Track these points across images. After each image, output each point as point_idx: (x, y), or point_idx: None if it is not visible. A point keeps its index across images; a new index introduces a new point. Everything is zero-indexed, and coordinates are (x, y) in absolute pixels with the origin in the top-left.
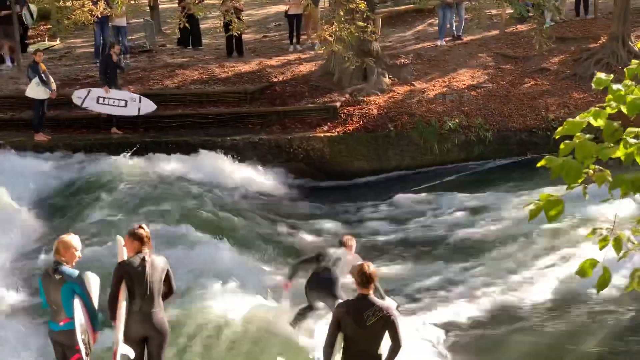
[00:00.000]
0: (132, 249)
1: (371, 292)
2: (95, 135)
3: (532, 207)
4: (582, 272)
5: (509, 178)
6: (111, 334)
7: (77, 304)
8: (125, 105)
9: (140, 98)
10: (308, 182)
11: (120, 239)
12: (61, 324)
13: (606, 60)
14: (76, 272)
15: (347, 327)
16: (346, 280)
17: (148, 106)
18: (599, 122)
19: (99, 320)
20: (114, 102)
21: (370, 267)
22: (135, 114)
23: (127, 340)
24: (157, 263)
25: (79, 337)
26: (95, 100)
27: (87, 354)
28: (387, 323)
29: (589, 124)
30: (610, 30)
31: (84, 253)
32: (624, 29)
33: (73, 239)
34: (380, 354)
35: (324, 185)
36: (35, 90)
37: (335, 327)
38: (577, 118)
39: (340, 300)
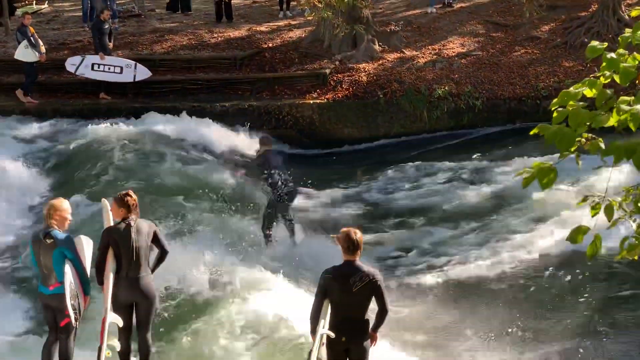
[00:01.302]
0: (118, 215)
1: (357, 258)
2: (84, 100)
3: (525, 175)
4: (573, 238)
5: (498, 146)
6: (102, 299)
7: (67, 268)
8: (121, 72)
9: (135, 65)
10: (297, 149)
11: (106, 203)
12: (51, 288)
13: (596, 29)
14: (67, 236)
15: (334, 293)
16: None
17: (143, 73)
18: (593, 92)
19: (90, 284)
20: (109, 69)
21: (357, 234)
22: (131, 80)
23: (116, 306)
24: (142, 228)
25: (69, 303)
26: (89, 67)
27: (76, 319)
28: (374, 288)
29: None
30: None
31: (73, 218)
32: None
33: (63, 203)
34: (367, 319)
35: (312, 152)
36: (24, 53)
37: (322, 294)
38: (572, 89)
39: None
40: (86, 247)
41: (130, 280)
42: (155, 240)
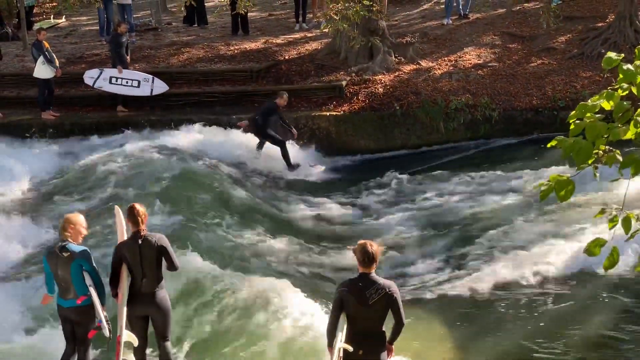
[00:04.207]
0: (129, 228)
1: (373, 270)
2: (102, 113)
3: (543, 187)
4: (590, 251)
5: (514, 157)
6: (114, 309)
7: (89, 281)
8: (138, 86)
9: (153, 79)
10: (313, 160)
11: (119, 210)
12: (78, 302)
13: (613, 40)
14: (83, 249)
15: (350, 306)
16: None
17: (160, 87)
18: (611, 105)
19: (106, 295)
20: (126, 83)
21: (374, 246)
22: (148, 94)
23: (130, 317)
24: (152, 242)
25: (102, 313)
26: (107, 80)
27: (109, 330)
28: (390, 301)
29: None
30: (618, 9)
31: (92, 235)
32: (631, 7)
33: (79, 217)
34: (384, 332)
35: (329, 163)
36: (42, 70)
37: (338, 307)
38: (589, 101)
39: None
40: None
41: (144, 296)
42: (165, 255)
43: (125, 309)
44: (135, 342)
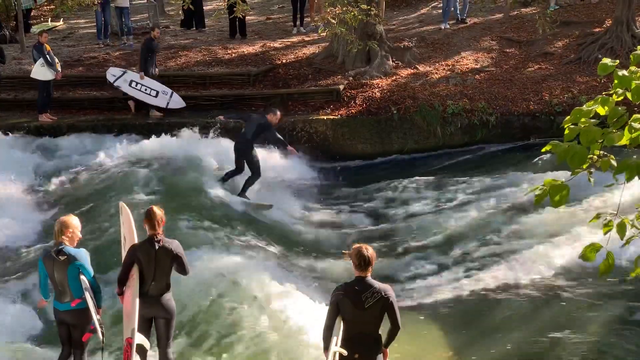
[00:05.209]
0: (145, 229)
1: (369, 274)
2: (99, 116)
3: (537, 192)
4: (585, 256)
5: (511, 162)
6: (113, 311)
7: (85, 283)
8: (156, 96)
9: (172, 93)
10: (310, 165)
11: (125, 206)
12: (73, 304)
13: (610, 45)
14: (79, 252)
15: (346, 310)
16: None
17: (177, 102)
18: (606, 110)
19: (102, 297)
20: (145, 90)
21: (369, 250)
22: (164, 106)
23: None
24: (169, 249)
25: (95, 317)
26: (127, 82)
27: (103, 334)
28: (386, 305)
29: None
30: (615, 14)
31: (87, 237)
32: (628, 13)
33: (73, 219)
34: (380, 336)
35: (326, 168)
36: (40, 72)
37: (334, 311)
38: (584, 106)
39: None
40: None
41: (151, 298)
42: (179, 263)
43: (137, 313)
44: (148, 345)
